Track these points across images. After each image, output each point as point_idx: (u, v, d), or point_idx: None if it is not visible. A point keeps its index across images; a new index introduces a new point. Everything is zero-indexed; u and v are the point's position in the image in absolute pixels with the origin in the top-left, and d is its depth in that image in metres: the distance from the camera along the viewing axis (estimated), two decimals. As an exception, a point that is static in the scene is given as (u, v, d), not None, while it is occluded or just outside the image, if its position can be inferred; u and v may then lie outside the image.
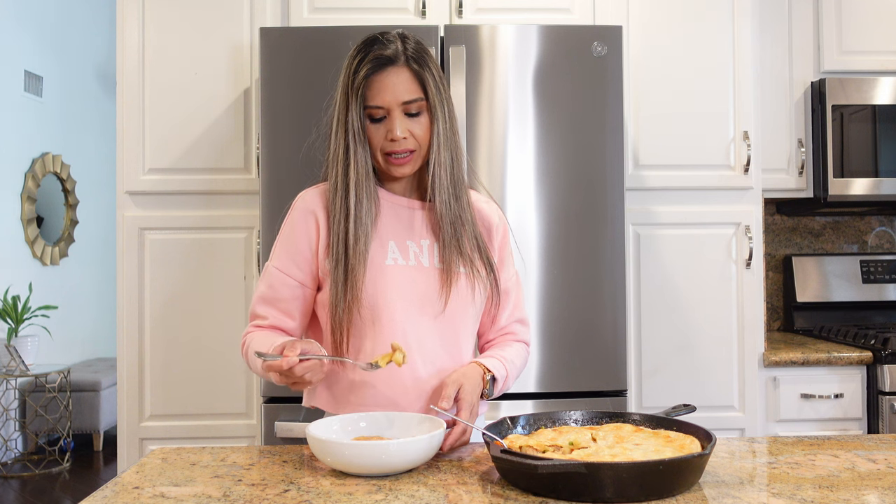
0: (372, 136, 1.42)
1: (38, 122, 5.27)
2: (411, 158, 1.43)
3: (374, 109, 1.41)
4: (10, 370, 4.56)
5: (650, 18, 2.54)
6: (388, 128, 1.41)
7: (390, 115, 1.41)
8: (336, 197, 1.42)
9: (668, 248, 2.53)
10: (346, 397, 1.44)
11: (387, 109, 1.40)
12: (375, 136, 1.42)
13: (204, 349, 2.46)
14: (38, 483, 4.41)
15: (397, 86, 1.40)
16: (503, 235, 1.57)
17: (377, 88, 1.40)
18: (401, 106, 1.40)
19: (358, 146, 1.41)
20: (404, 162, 1.42)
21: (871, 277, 3.10)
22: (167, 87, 2.48)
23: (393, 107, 1.40)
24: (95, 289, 6.04)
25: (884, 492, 1.10)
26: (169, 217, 2.48)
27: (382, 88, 1.40)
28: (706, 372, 2.51)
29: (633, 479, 1.04)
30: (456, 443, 1.33)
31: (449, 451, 1.32)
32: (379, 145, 1.42)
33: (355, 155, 1.41)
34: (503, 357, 1.50)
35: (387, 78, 1.40)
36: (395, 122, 1.40)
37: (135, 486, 1.15)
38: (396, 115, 1.40)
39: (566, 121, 2.29)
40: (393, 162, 1.42)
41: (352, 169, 1.41)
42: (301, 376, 1.27)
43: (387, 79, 1.40)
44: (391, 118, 1.40)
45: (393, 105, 1.40)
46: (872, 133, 2.81)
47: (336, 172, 1.43)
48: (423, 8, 2.51)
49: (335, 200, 1.42)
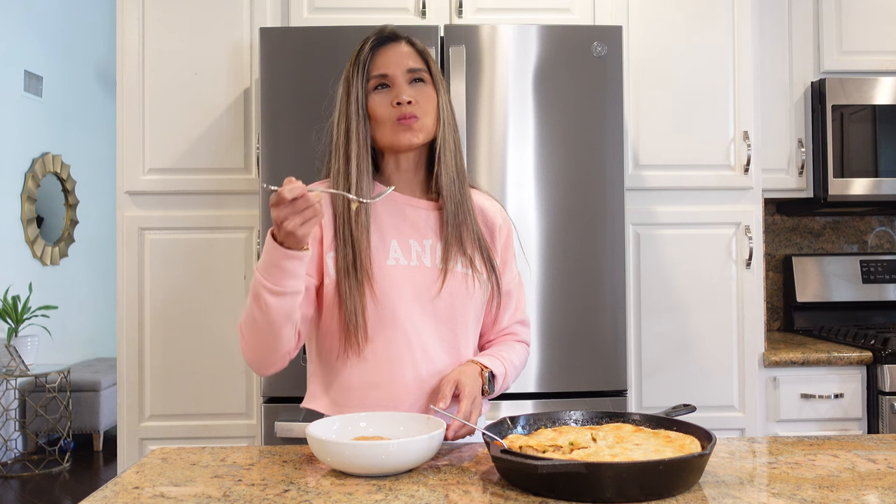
0: (377, 107, 1.42)
1: (38, 122, 5.27)
2: (419, 125, 1.42)
3: (379, 78, 1.42)
4: (10, 370, 4.56)
5: (650, 18, 2.54)
6: (392, 94, 1.42)
7: (395, 82, 1.43)
8: (337, 181, 1.42)
9: (668, 248, 2.53)
10: (347, 401, 1.44)
11: (391, 77, 1.42)
12: (381, 105, 1.42)
13: (204, 349, 2.46)
14: (38, 483, 4.41)
15: (401, 56, 1.44)
16: (507, 236, 1.56)
17: (381, 60, 1.43)
18: (405, 73, 1.43)
19: (360, 121, 1.42)
20: (411, 123, 1.41)
21: (871, 277, 3.10)
22: (167, 87, 2.48)
23: (397, 74, 1.43)
24: (95, 289, 6.04)
25: (884, 492, 1.10)
26: (169, 217, 2.48)
27: (387, 59, 1.43)
28: (706, 372, 2.51)
29: (633, 479, 1.04)
30: (459, 432, 1.32)
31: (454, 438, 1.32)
32: (386, 114, 1.42)
33: (357, 128, 1.42)
34: (502, 356, 1.49)
35: (391, 50, 1.45)
36: (400, 86, 1.42)
37: (135, 486, 1.15)
38: (401, 82, 1.42)
39: (566, 121, 2.29)
40: (402, 123, 1.41)
41: (352, 143, 1.41)
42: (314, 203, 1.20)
43: (391, 50, 1.44)
44: (395, 85, 1.42)
45: (397, 73, 1.43)
46: (872, 133, 2.81)
47: (337, 156, 1.43)
48: (423, 8, 2.51)
49: (336, 185, 1.42)
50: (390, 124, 1.42)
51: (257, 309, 1.30)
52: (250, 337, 1.35)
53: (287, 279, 1.27)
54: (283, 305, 1.29)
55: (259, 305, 1.30)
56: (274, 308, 1.29)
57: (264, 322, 1.31)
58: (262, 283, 1.28)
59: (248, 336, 1.35)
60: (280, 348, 1.36)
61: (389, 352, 1.41)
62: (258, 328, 1.32)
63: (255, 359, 1.38)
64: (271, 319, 1.30)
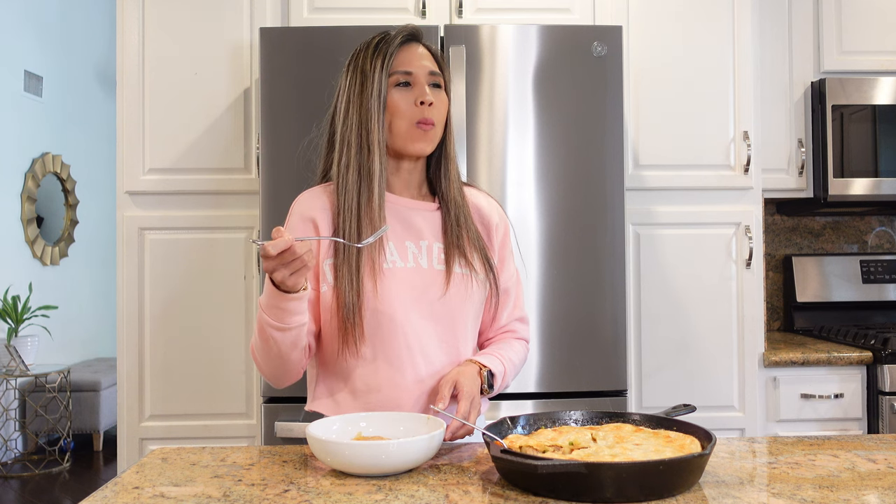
0: (399, 103, 1.41)
1: (38, 122, 5.27)
2: (434, 133, 1.43)
3: (403, 74, 1.41)
4: (10, 370, 4.56)
5: (650, 18, 2.54)
6: (416, 93, 1.41)
7: (417, 81, 1.42)
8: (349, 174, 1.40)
9: (668, 248, 2.53)
10: (347, 403, 1.43)
11: (415, 76, 1.42)
12: (403, 102, 1.41)
13: (204, 349, 2.46)
14: (38, 483, 4.41)
15: (423, 58, 1.44)
16: (504, 234, 1.56)
17: (406, 56, 1.43)
18: (428, 75, 1.43)
19: (381, 114, 1.40)
20: (428, 130, 1.41)
21: (871, 277, 3.10)
22: (167, 87, 2.48)
23: (421, 74, 1.42)
24: (95, 289, 6.04)
25: (884, 492, 1.10)
26: (169, 217, 2.48)
27: (411, 56, 1.43)
28: (706, 372, 2.51)
29: (634, 479, 1.04)
30: (457, 433, 1.32)
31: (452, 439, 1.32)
32: (409, 113, 1.41)
33: (377, 119, 1.39)
34: (500, 354, 1.49)
35: (415, 50, 1.44)
36: (425, 87, 1.42)
37: (135, 486, 1.15)
38: (423, 82, 1.42)
39: (566, 121, 2.29)
40: (421, 128, 1.40)
41: (374, 134, 1.39)
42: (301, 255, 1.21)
43: (415, 50, 1.44)
44: (418, 84, 1.42)
45: (421, 73, 1.42)
46: (872, 133, 2.81)
47: (349, 147, 1.40)
48: (423, 8, 2.51)
49: (347, 177, 1.40)
50: (409, 125, 1.41)
51: (264, 342, 1.35)
52: (262, 362, 1.40)
53: (289, 316, 1.30)
54: (289, 337, 1.33)
55: (265, 339, 1.34)
56: (280, 341, 1.33)
57: (274, 352, 1.35)
58: (267, 321, 1.31)
59: (261, 360, 1.40)
60: (292, 369, 1.40)
61: (389, 354, 1.41)
62: (268, 356, 1.37)
63: (270, 377, 1.43)
64: (279, 350, 1.34)
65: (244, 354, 2.46)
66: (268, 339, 1.33)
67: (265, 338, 1.33)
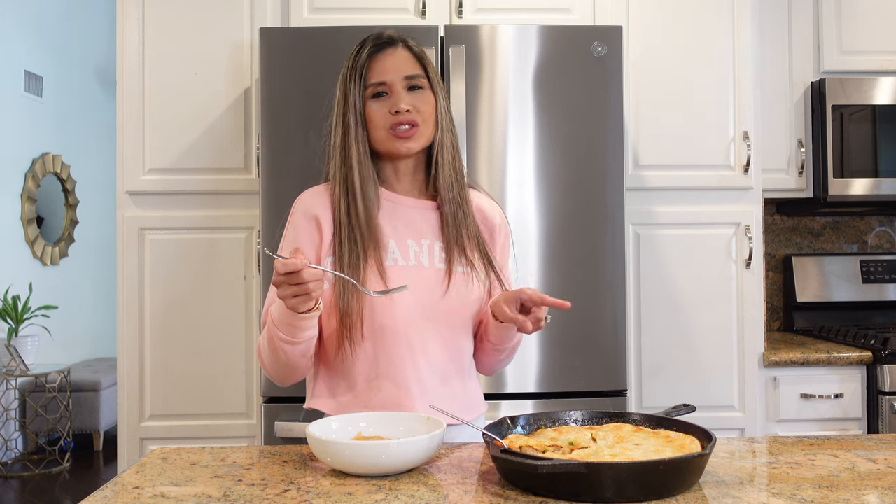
0: (374, 115, 1.42)
1: (38, 122, 5.27)
2: (416, 132, 1.43)
3: (376, 86, 1.42)
4: (10, 370, 4.56)
5: (650, 18, 2.54)
6: (391, 103, 1.42)
7: (393, 90, 1.42)
8: (336, 186, 1.43)
9: (668, 248, 2.53)
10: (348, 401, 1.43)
11: (389, 85, 1.42)
12: (378, 113, 1.42)
13: (204, 349, 2.46)
14: (38, 483, 4.41)
15: (398, 62, 1.44)
16: (505, 237, 1.57)
17: (379, 67, 1.43)
18: (403, 80, 1.43)
19: (358, 128, 1.42)
20: (409, 134, 1.42)
21: (871, 277, 3.10)
22: (167, 88, 2.48)
23: (395, 81, 1.42)
24: (95, 289, 6.04)
25: (884, 492, 1.10)
26: (169, 217, 2.48)
27: (384, 66, 1.43)
28: (706, 372, 2.51)
29: (634, 479, 1.04)
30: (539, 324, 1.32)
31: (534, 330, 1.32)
32: (382, 122, 1.42)
33: (355, 134, 1.41)
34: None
35: (388, 57, 1.44)
36: (398, 94, 1.42)
37: (135, 486, 1.15)
38: (399, 89, 1.42)
39: (566, 121, 2.29)
40: (398, 135, 1.41)
41: (352, 149, 1.41)
42: (307, 281, 1.23)
43: (388, 57, 1.44)
44: (394, 93, 1.42)
45: (395, 80, 1.42)
46: (872, 133, 2.81)
47: (335, 160, 1.44)
48: (423, 8, 2.51)
49: (336, 189, 1.43)
50: (386, 133, 1.42)
51: (273, 351, 1.37)
52: (269, 367, 1.42)
53: (301, 332, 1.33)
54: (299, 350, 1.36)
55: (274, 349, 1.36)
56: (290, 353, 1.36)
57: (282, 360, 1.38)
58: (278, 336, 1.33)
59: (268, 365, 1.42)
60: (298, 373, 1.44)
61: (389, 352, 1.41)
62: (276, 364, 1.39)
63: (275, 379, 1.45)
64: (288, 360, 1.37)
65: (244, 354, 2.46)
66: (277, 349, 1.36)
67: (274, 348, 1.36)
